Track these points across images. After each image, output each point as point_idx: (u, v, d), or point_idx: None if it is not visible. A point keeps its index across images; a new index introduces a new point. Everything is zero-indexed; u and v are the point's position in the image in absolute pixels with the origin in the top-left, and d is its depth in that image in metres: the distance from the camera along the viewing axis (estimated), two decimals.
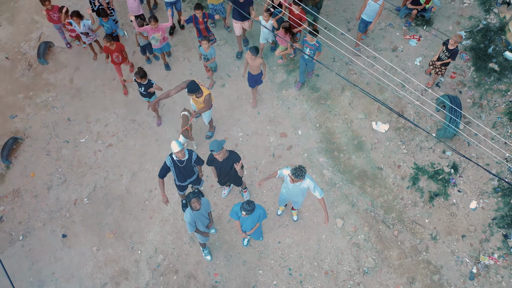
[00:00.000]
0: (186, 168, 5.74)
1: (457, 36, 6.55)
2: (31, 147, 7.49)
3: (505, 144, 7.36)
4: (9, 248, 6.68)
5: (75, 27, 7.45)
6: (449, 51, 6.88)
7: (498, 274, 6.47)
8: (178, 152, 5.36)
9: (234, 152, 5.71)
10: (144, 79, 6.50)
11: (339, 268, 6.49)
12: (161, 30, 7.21)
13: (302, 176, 5.03)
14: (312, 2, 7.78)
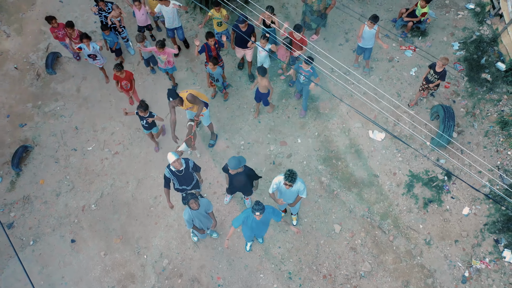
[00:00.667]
0: (185, 176, 6.03)
1: (444, 59, 6.79)
2: (40, 155, 7.77)
3: (496, 152, 7.65)
4: (20, 252, 6.95)
5: (85, 50, 7.63)
6: (437, 73, 7.03)
7: (489, 277, 6.75)
8: (174, 162, 5.63)
9: (249, 168, 5.98)
10: (146, 111, 6.62)
11: (336, 272, 6.77)
12: (167, 54, 7.39)
13: (295, 179, 5.30)
14: (317, 13, 8.04)
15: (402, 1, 9.22)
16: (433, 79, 7.17)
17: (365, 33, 7.48)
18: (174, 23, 7.89)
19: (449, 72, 8.39)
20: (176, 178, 6.03)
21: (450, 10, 9.06)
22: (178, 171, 5.84)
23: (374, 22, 7.25)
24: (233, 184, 6.24)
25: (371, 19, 7.24)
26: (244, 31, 7.27)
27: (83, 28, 9.13)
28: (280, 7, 9.30)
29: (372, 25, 7.31)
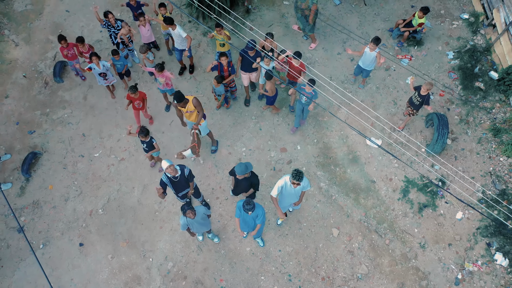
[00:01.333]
0: (180, 182, 6.25)
1: (429, 84, 6.96)
2: (49, 161, 8.05)
3: (489, 159, 7.93)
4: (30, 256, 7.23)
5: (95, 69, 7.70)
6: (421, 96, 7.20)
7: (481, 280, 7.03)
8: (167, 168, 5.86)
9: (256, 176, 6.30)
10: (147, 137, 6.79)
11: (335, 275, 7.05)
12: (165, 77, 7.55)
13: (302, 178, 5.64)
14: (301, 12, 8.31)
15: (399, 11, 9.51)
16: (416, 101, 7.34)
17: (366, 54, 7.59)
18: (182, 45, 8.04)
19: (444, 81, 8.69)
20: (172, 184, 6.22)
21: (445, 20, 9.35)
22: (174, 177, 6.08)
23: (376, 44, 7.32)
24: (239, 187, 6.57)
25: (373, 41, 7.29)
26: (252, 56, 7.37)
27: (89, 37, 9.42)
28: (280, 16, 9.58)
29: (374, 47, 7.35)
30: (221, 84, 7.44)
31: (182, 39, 7.89)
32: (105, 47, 9.31)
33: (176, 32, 7.74)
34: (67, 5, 9.85)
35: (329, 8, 9.65)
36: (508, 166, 7.81)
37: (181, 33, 7.70)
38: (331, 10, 9.61)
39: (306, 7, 8.11)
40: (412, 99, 7.46)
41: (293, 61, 7.25)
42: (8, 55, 9.18)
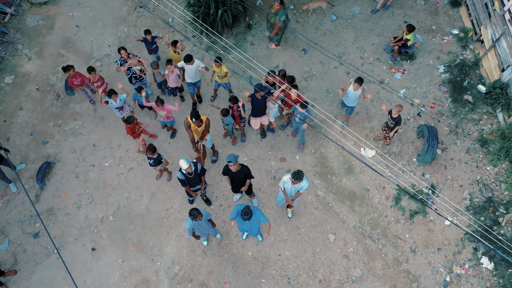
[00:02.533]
0: (194, 178, 6.95)
1: (398, 106, 7.38)
2: (62, 170, 8.53)
3: (476, 168, 8.42)
4: (45, 260, 7.72)
5: (112, 104, 7.95)
6: (393, 119, 7.64)
7: (468, 282, 7.52)
8: (188, 168, 6.55)
9: (246, 166, 6.87)
10: (155, 153, 7.22)
11: (331, 277, 7.53)
12: (166, 110, 7.87)
13: (301, 179, 6.26)
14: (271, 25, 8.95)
15: (392, 27, 10.01)
16: (391, 124, 7.77)
17: (349, 93, 7.88)
18: (195, 78, 8.38)
19: (434, 93, 9.19)
20: (187, 179, 6.90)
21: (436, 35, 9.84)
22: (189, 173, 6.70)
23: (359, 84, 7.56)
24: (235, 183, 7.10)
25: (357, 81, 7.53)
26: (259, 99, 7.68)
27: (98, 51, 9.91)
28: None
29: (358, 87, 7.62)
30: (229, 116, 7.67)
31: (196, 72, 8.19)
32: (113, 60, 9.79)
33: (194, 66, 8.03)
34: (77, 20, 10.34)
35: (326, 23, 10.15)
36: (494, 175, 8.30)
37: (200, 63, 8.08)
38: (328, 25, 10.11)
39: (274, 21, 8.81)
40: (388, 123, 7.90)
41: (292, 92, 7.61)
42: (21, 69, 9.67)
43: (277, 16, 8.71)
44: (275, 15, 8.73)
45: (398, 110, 7.46)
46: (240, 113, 7.84)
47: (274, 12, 8.75)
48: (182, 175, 6.78)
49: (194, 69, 8.12)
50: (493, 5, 8.79)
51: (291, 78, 7.73)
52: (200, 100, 9.21)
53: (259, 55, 9.71)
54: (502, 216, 7.94)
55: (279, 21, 8.76)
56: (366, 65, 9.56)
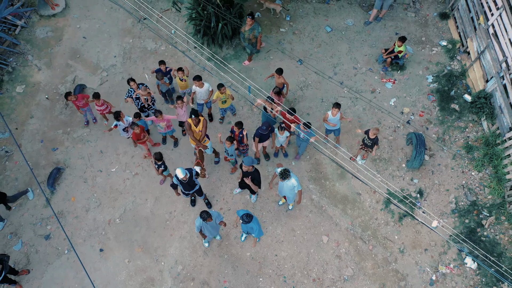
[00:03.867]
0: (189, 183, 7.47)
1: (375, 129, 7.82)
2: (71, 176, 9.04)
3: (462, 173, 8.92)
4: (56, 260, 8.23)
5: (120, 125, 8.37)
6: (371, 139, 8.12)
7: (453, 280, 8.02)
8: (184, 177, 7.09)
9: (257, 172, 7.45)
10: (161, 160, 7.80)
11: (324, 276, 8.04)
12: (165, 120, 8.34)
13: (287, 177, 6.92)
14: (248, 41, 9.37)
15: (384, 38, 10.52)
16: (368, 143, 8.22)
17: (331, 119, 8.27)
18: (204, 98, 8.79)
19: (423, 102, 9.70)
20: (182, 185, 7.45)
21: (426, 46, 10.36)
22: (183, 180, 7.22)
23: (337, 108, 7.98)
24: (242, 180, 7.65)
25: (334, 106, 7.97)
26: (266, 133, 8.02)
27: (104, 61, 10.43)
28: (277, 43, 10.58)
29: (336, 111, 8.05)
30: (232, 145, 8.03)
31: (206, 94, 8.64)
32: (119, 71, 10.31)
33: (204, 89, 8.49)
34: (84, 32, 10.86)
35: (321, 35, 10.66)
36: (479, 180, 8.81)
37: (209, 87, 8.56)
38: (323, 37, 10.62)
39: (252, 37, 9.25)
40: (365, 141, 8.32)
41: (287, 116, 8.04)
42: (31, 79, 10.19)
43: (254, 31, 9.13)
44: (252, 31, 9.12)
45: (374, 132, 7.88)
46: (241, 139, 8.17)
47: (249, 28, 9.10)
48: (177, 181, 7.32)
49: (204, 91, 8.55)
50: (478, 19, 9.30)
51: (277, 90, 8.30)
52: (211, 118, 9.59)
53: (257, 66, 10.23)
54: (486, 218, 8.45)
55: (259, 33, 9.18)
56: (358, 75, 10.07)
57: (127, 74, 10.19)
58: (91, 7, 11.20)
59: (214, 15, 9.40)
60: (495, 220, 8.42)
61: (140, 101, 8.75)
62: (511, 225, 8.33)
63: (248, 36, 9.27)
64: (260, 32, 9.25)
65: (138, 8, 10.49)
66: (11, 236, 8.45)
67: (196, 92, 8.61)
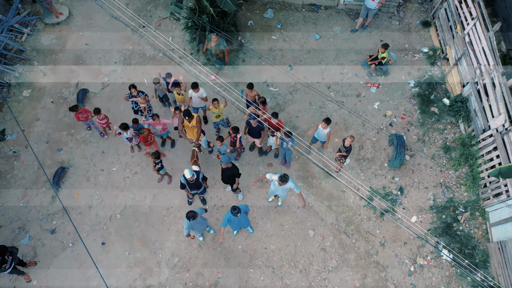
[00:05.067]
0: (196, 183, 8.09)
1: (350, 137, 8.37)
2: (75, 174, 9.66)
3: (440, 172, 9.55)
4: (62, 253, 8.85)
5: (123, 135, 8.91)
6: (346, 148, 8.70)
7: (429, 271, 8.64)
8: (191, 177, 7.69)
9: (236, 167, 8.13)
10: (158, 159, 8.42)
11: (310, 268, 8.66)
12: (161, 124, 8.90)
13: (286, 182, 7.42)
14: (217, 56, 9.93)
15: (370, 45, 11.15)
16: (342, 150, 8.79)
17: (319, 131, 8.72)
18: (201, 104, 9.42)
19: (405, 106, 10.34)
20: (188, 185, 8.06)
21: (408, 53, 11.00)
22: (190, 180, 7.82)
23: (327, 123, 8.32)
24: (224, 176, 8.35)
25: (324, 121, 8.31)
26: (254, 127, 8.70)
27: (106, 67, 11.06)
28: (269, 50, 11.21)
29: (326, 126, 8.37)
30: (224, 144, 8.68)
31: (200, 99, 9.22)
32: (120, 76, 10.94)
33: (199, 94, 9.04)
34: (86, 39, 11.50)
35: (310, 41, 11.30)
36: (456, 178, 9.44)
37: (203, 93, 9.12)
38: (312, 43, 11.26)
39: (219, 52, 9.81)
40: (341, 149, 8.88)
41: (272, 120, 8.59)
42: (37, 84, 10.82)
43: (221, 46, 9.68)
44: (218, 46, 9.66)
45: (350, 141, 8.44)
46: (236, 142, 8.85)
47: (215, 44, 9.64)
48: (185, 180, 7.92)
49: (200, 95, 9.12)
50: (456, 28, 9.94)
51: (263, 99, 8.85)
52: (206, 121, 10.20)
53: (250, 71, 10.86)
54: (461, 214, 9.08)
55: (226, 47, 9.75)
56: (345, 80, 10.71)
57: (127, 79, 10.82)
58: (93, 16, 11.84)
59: (208, 24, 10.03)
60: (470, 215, 9.04)
61: (137, 105, 9.35)
62: (484, 220, 8.96)
63: (215, 52, 9.82)
64: (227, 46, 9.79)
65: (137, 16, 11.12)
66: (19, 230, 9.07)
67: (192, 98, 9.22)
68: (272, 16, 11.78)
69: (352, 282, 8.54)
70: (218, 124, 9.73)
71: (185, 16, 10.40)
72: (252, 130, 8.84)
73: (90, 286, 8.52)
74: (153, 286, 8.49)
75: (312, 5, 11.84)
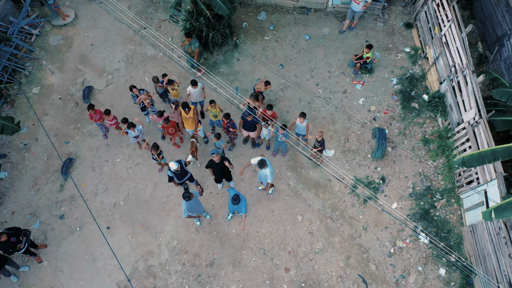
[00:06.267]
0: (181, 173, 8.87)
1: (319, 132, 9.11)
2: (81, 165, 10.44)
3: (420, 162, 10.33)
4: (70, 236, 9.62)
5: (131, 134, 9.62)
6: (319, 141, 9.41)
7: (408, 253, 9.42)
8: (176, 168, 8.47)
9: (226, 158, 8.84)
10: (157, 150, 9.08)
11: (298, 249, 9.43)
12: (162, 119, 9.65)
13: (263, 166, 8.22)
14: (190, 54, 10.64)
15: (356, 45, 11.95)
16: (316, 145, 9.50)
17: (298, 126, 9.51)
18: (199, 98, 10.18)
19: (388, 102, 11.12)
20: (175, 175, 8.84)
21: (392, 52, 11.79)
22: (176, 171, 8.60)
23: (303, 117, 9.15)
24: (218, 173, 9.02)
25: (301, 115, 9.13)
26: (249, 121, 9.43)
27: (109, 66, 11.84)
28: (262, 49, 12.00)
29: (303, 120, 9.21)
30: (220, 140, 9.38)
31: (200, 93, 9.98)
32: (123, 74, 11.72)
33: (198, 89, 9.77)
34: (91, 39, 12.28)
35: (301, 42, 12.09)
36: (433, 168, 10.22)
37: (201, 85, 9.88)
38: (302, 44, 12.05)
39: (191, 51, 10.61)
40: (315, 145, 9.57)
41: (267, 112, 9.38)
42: (46, 81, 11.60)
43: (192, 45, 10.48)
44: (190, 45, 10.47)
45: (319, 135, 9.19)
46: (229, 127, 9.56)
47: (188, 43, 10.45)
48: (172, 173, 8.70)
49: (198, 91, 9.91)
50: (434, 29, 10.74)
51: (254, 96, 9.54)
52: (202, 115, 10.98)
53: (244, 70, 11.65)
54: (438, 201, 9.86)
55: (196, 48, 10.54)
56: (332, 78, 11.50)
57: (129, 77, 11.61)
58: (97, 18, 12.62)
59: (205, 25, 10.82)
60: (446, 202, 9.82)
61: (142, 103, 10.13)
62: (459, 206, 9.74)
63: (188, 50, 10.64)
64: (197, 47, 10.57)
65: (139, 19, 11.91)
66: (30, 216, 9.84)
67: (191, 93, 10.00)
68: (265, 18, 12.57)
69: (336, 262, 9.32)
70: (214, 123, 10.44)
71: (183, 19, 11.18)
72: (247, 124, 9.61)
73: (96, 266, 9.29)
74: (154, 266, 9.27)
75: (303, 8, 12.63)
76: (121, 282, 9.16)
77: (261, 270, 9.21)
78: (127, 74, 11.71)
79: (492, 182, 8.46)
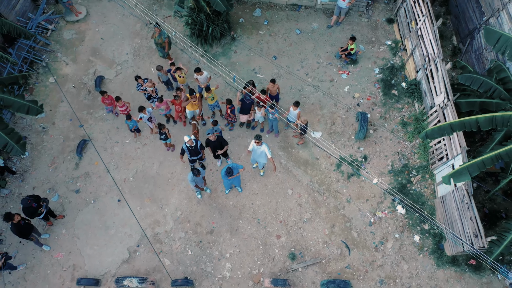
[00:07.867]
0: (195, 150, 9.97)
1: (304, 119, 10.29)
2: (94, 146, 11.60)
3: (398, 143, 11.50)
4: (85, 208, 10.78)
5: (144, 117, 10.59)
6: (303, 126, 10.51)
7: (386, 222, 10.58)
8: (188, 141, 9.60)
9: (221, 137, 9.98)
10: (164, 129, 10.29)
11: (288, 219, 10.60)
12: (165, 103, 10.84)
13: (260, 139, 9.24)
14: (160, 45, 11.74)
15: (342, 39, 13.13)
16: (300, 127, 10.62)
17: (291, 112, 10.61)
18: (204, 83, 11.31)
19: (370, 89, 12.30)
20: (189, 151, 9.93)
21: (375, 45, 12.97)
22: (191, 146, 9.72)
23: (296, 106, 10.27)
24: (215, 150, 10.13)
25: (294, 104, 10.26)
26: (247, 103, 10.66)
27: (118, 58, 13.01)
28: (257, 43, 13.18)
29: (295, 108, 10.33)
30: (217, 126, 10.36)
31: (205, 79, 11.14)
32: (130, 65, 12.89)
33: (203, 76, 10.97)
34: (102, 34, 13.46)
35: (292, 36, 13.28)
36: (411, 148, 11.39)
37: (206, 74, 11.09)
38: (293, 37, 13.24)
39: (161, 41, 11.74)
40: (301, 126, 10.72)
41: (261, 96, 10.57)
42: (61, 72, 12.78)
43: (162, 36, 11.61)
44: (160, 36, 11.60)
45: (302, 121, 10.30)
46: (231, 110, 10.75)
47: (158, 35, 11.57)
48: (186, 147, 9.86)
49: (204, 77, 11.08)
50: (411, 23, 11.92)
51: (252, 82, 10.69)
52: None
53: (241, 61, 12.83)
54: (414, 177, 11.03)
55: (166, 38, 11.68)
56: (321, 68, 12.67)
57: (137, 68, 12.79)
58: (107, 14, 13.81)
59: (205, 21, 12.00)
60: (421, 178, 10.99)
61: (147, 92, 11.30)
62: (432, 181, 10.90)
63: (158, 41, 11.77)
64: (167, 37, 11.67)
65: (145, 15, 13.10)
66: (49, 190, 11.01)
67: (198, 79, 11.19)
68: (260, 14, 13.76)
69: (322, 230, 10.48)
70: (214, 107, 11.59)
71: (185, 14, 12.36)
72: (245, 106, 10.78)
73: (109, 234, 10.46)
74: (160, 233, 10.44)
75: (294, 5, 13.82)
76: (131, 247, 10.33)
77: (256, 237, 10.38)
78: (134, 65, 12.88)
79: (458, 157, 9.63)
